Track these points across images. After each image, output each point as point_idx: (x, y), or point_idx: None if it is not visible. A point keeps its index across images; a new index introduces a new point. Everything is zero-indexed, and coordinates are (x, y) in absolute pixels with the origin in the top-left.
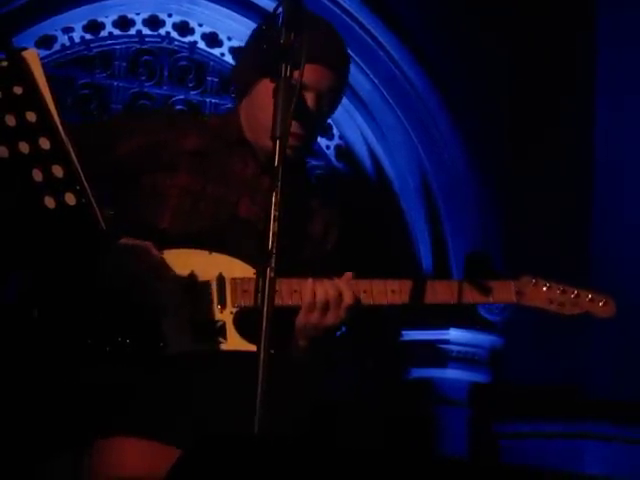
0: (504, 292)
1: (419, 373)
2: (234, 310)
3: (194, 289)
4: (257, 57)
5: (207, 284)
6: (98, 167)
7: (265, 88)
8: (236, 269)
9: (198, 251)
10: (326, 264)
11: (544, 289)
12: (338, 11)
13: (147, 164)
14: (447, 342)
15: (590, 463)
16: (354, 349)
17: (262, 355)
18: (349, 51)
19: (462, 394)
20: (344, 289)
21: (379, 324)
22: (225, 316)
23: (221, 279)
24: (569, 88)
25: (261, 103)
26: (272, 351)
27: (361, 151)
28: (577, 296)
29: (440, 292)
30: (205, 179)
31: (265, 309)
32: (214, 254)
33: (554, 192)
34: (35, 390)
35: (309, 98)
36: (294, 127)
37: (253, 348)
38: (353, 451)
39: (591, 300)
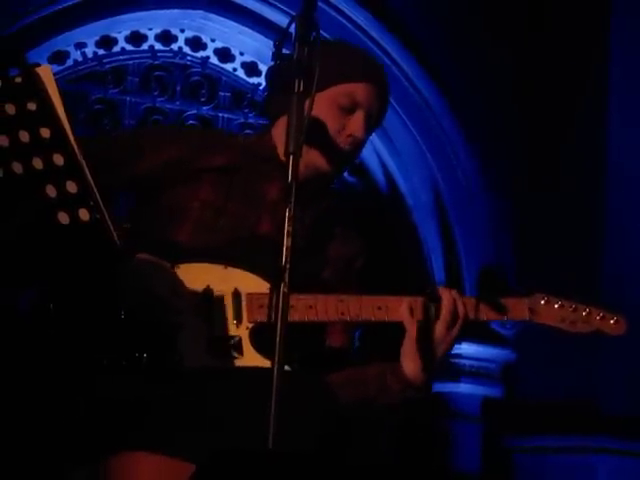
0: (517, 310)
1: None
2: (250, 325)
3: (210, 304)
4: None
5: (223, 299)
6: (122, 178)
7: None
8: (252, 284)
9: (214, 265)
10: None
11: (556, 307)
12: (351, 27)
13: (172, 178)
14: (459, 357)
15: (603, 478)
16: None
17: (276, 370)
18: None
19: (475, 409)
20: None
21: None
22: (241, 331)
23: (237, 294)
24: (583, 104)
25: None
26: (287, 367)
27: (374, 165)
28: (589, 314)
29: None
30: (228, 195)
31: (279, 324)
32: (230, 268)
33: (567, 207)
34: (50, 404)
35: (359, 117)
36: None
37: (269, 364)
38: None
39: (602, 318)
